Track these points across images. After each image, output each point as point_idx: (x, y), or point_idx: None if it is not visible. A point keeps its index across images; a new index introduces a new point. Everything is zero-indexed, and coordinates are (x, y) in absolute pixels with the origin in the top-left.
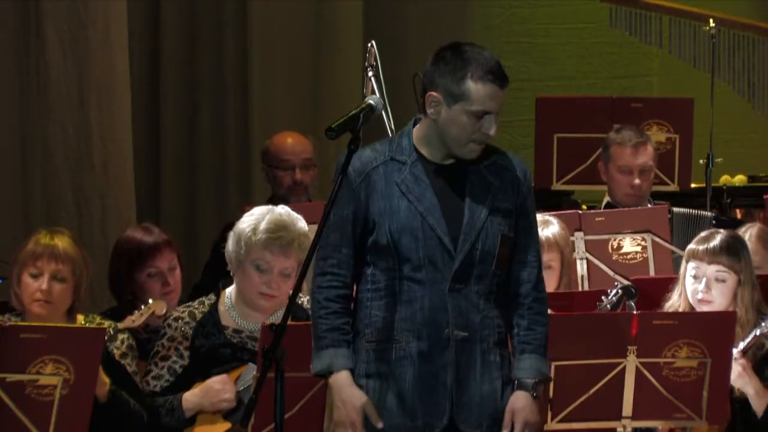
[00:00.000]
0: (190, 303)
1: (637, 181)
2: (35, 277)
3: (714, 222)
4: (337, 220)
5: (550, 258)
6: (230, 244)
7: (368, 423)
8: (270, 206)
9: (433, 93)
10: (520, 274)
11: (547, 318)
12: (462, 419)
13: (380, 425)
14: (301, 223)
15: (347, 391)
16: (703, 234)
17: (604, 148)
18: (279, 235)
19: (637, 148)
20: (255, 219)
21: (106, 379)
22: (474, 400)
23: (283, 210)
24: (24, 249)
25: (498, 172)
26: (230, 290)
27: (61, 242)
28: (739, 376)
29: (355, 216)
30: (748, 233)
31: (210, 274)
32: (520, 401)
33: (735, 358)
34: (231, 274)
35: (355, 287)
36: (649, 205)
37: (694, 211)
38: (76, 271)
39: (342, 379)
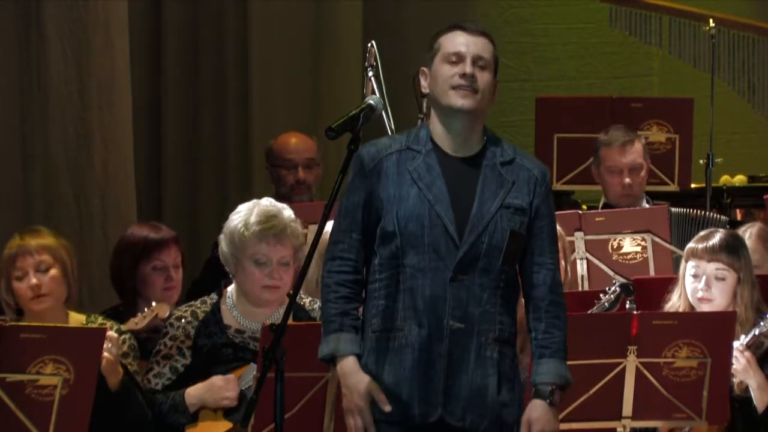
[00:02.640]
0: (192, 302)
1: (627, 180)
2: (21, 278)
3: (728, 226)
4: (348, 205)
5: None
6: (224, 245)
7: (375, 407)
8: (254, 200)
9: (422, 68)
10: (536, 276)
11: (565, 321)
12: (448, 411)
13: (388, 408)
14: (288, 211)
15: (353, 377)
16: (702, 233)
17: (594, 151)
18: (271, 224)
19: (624, 147)
20: (243, 215)
21: (121, 370)
22: (462, 393)
23: (267, 201)
24: (1, 259)
25: (514, 169)
26: (231, 289)
27: (33, 238)
28: (744, 369)
29: (365, 202)
30: (749, 232)
31: (210, 270)
32: (536, 411)
33: (741, 351)
34: (230, 275)
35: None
36: (647, 205)
37: (694, 211)
38: (57, 257)
39: (348, 365)
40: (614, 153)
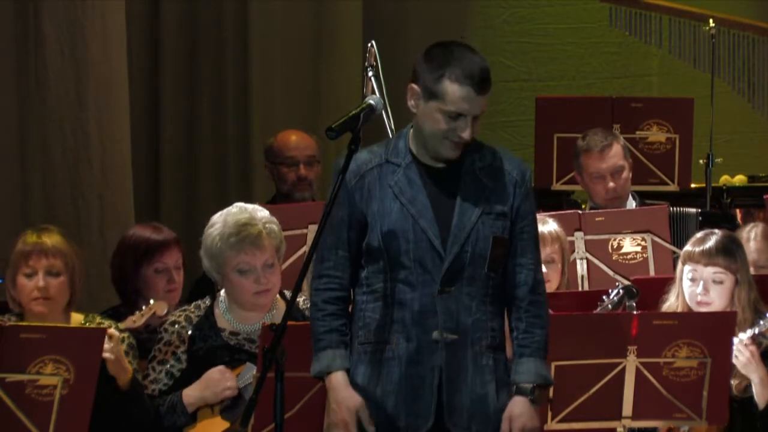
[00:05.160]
0: (185, 307)
1: (611, 184)
2: (29, 276)
3: (700, 218)
4: (333, 222)
5: (552, 251)
6: (206, 261)
7: (361, 425)
8: (225, 210)
9: (414, 85)
10: (517, 276)
11: (546, 320)
12: (453, 422)
13: (372, 429)
14: (261, 212)
15: (342, 392)
16: (698, 235)
17: (574, 157)
18: (246, 233)
19: (603, 152)
20: (217, 229)
21: (129, 367)
22: (465, 403)
23: (236, 208)
24: (14, 251)
25: (494, 173)
26: (224, 294)
27: (50, 238)
28: (748, 362)
29: (350, 218)
30: (753, 232)
31: None
32: (517, 407)
33: (745, 345)
34: (218, 288)
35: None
36: (634, 203)
37: (678, 210)
38: (68, 263)
39: (337, 380)
40: (594, 159)
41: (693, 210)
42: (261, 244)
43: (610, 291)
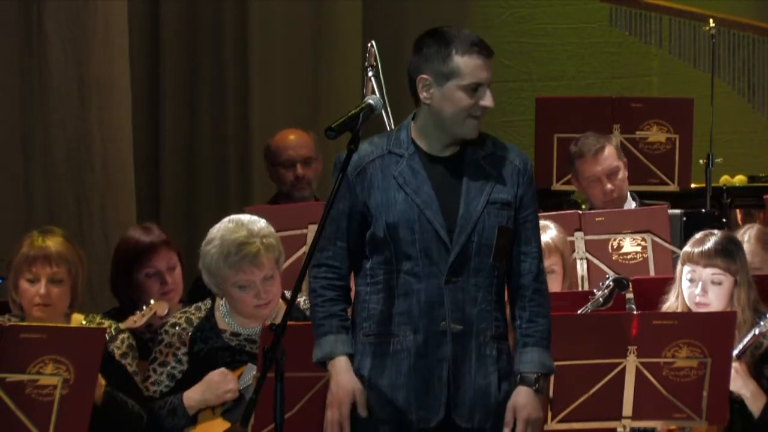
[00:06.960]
0: (186, 308)
1: (609, 186)
2: (32, 282)
3: (684, 218)
4: (334, 213)
5: (552, 262)
6: (205, 277)
7: (373, 409)
8: (221, 225)
9: (423, 75)
10: (521, 265)
11: (548, 309)
12: (457, 413)
13: (364, 414)
14: (258, 224)
15: (344, 376)
16: (697, 236)
17: (569, 163)
18: (243, 253)
19: (596, 156)
20: (215, 247)
21: (102, 381)
22: (468, 393)
23: (232, 224)
24: (18, 253)
25: (497, 163)
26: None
27: (54, 244)
28: (734, 380)
29: (350, 210)
30: (747, 234)
31: None
32: (522, 397)
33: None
34: (219, 298)
35: (354, 281)
36: (633, 203)
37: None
38: (71, 270)
39: (340, 364)
40: (588, 164)
41: (678, 211)
42: (260, 262)
43: (601, 284)
